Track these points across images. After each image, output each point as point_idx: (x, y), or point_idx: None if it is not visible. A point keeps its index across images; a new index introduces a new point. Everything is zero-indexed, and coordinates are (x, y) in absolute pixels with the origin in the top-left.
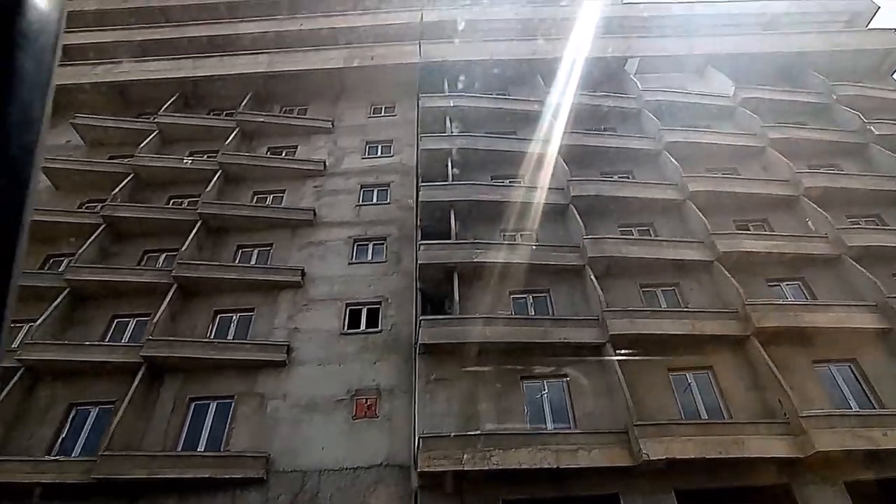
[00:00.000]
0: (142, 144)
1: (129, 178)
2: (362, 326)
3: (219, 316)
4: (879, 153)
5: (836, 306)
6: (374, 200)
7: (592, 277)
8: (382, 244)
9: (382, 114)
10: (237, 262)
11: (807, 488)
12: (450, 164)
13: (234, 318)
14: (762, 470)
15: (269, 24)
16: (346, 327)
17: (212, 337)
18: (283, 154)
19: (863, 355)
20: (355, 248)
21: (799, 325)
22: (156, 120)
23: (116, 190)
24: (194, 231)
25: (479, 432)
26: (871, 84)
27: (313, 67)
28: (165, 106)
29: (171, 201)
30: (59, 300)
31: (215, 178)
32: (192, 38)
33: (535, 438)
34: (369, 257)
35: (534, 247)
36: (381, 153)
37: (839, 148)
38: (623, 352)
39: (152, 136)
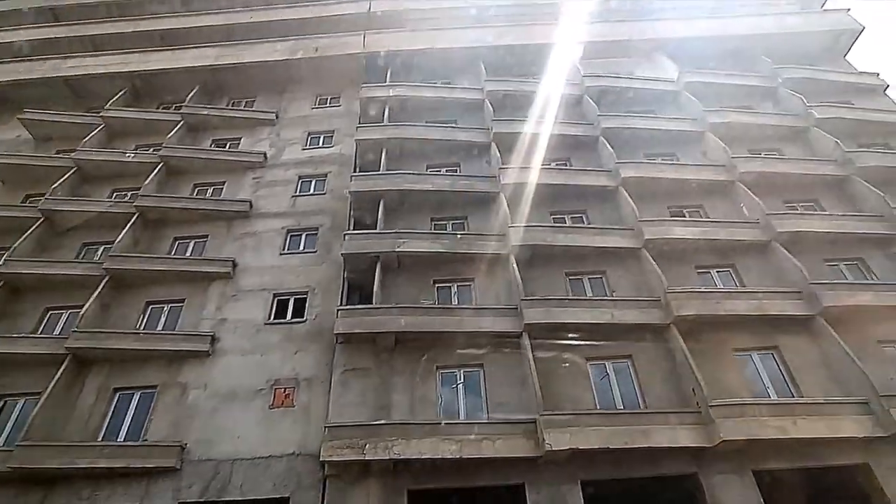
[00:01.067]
0: (85, 138)
1: (71, 171)
2: (288, 317)
3: (150, 307)
4: (820, 137)
5: (760, 293)
6: (312, 191)
7: (514, 266)
8: (315, 235)
9: (328, 105)
10: (173, 253)
11: (714, 477)
12: (383, 153)
13: (166, 308)
14: (671, 459)
15: (220, 16)
16: (272, 318)
17: (142, 328)
18: (227, 146)
19: (785, 343)
20: (289, 238)
21: (718, 313)
22: (101, 114)
23: (56, 184)
24: (130, 224)
25: (383, 422)
26: (822, 67)
27: (258, 60)
28: (113, 100)
29: (115, 194)
30: None
31: (155, 171)
32: (144, 32)
33: (440, 429)
34: (301, 248)
35: (459, 236)
36: (323, 144)
37: (781, 132)
38: (538, 342)
39: (97, 130)
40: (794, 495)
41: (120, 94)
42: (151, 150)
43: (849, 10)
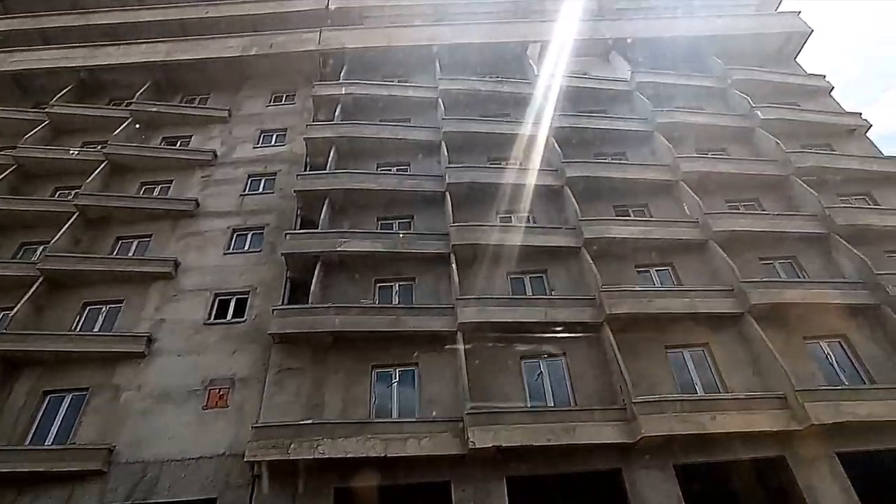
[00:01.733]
0: (27, 135)
1: (10, 169)
2: (229, 317)
3: (88, 308)
4: (763, 137)
5: (692, 292)
6: (260, 190)
7: (454, 266)
8: (262, 234)
9: (283, 102)
10: (116, 253)
11: (637, 473)
12: (332, 152)
13: (104, 310)
14: (598, 455)
15: (174, 10)
16: (212, 318)
17: (78, 329)
18: (179, 144)
19: (715, 340)
20: (234, 238)
21: (650, 311)
22: (46, 110)
23: None
24: (69, 223)
25: (310, 421)
26: (773, 68)
27: (211, 56)
28: (60, 95)
29: (58, 193)
30: None
31: (99, 169)
32: (96, 25)
33: (366, 427)
34: (246, 247)
35: (401, 236)
36: (275, 142)
37: (728, 132)
38: (473, 341)
39: (41, 126)
40: (716, 488)
41: (67, 89)
42: (99, 147)
43: (799, 12)
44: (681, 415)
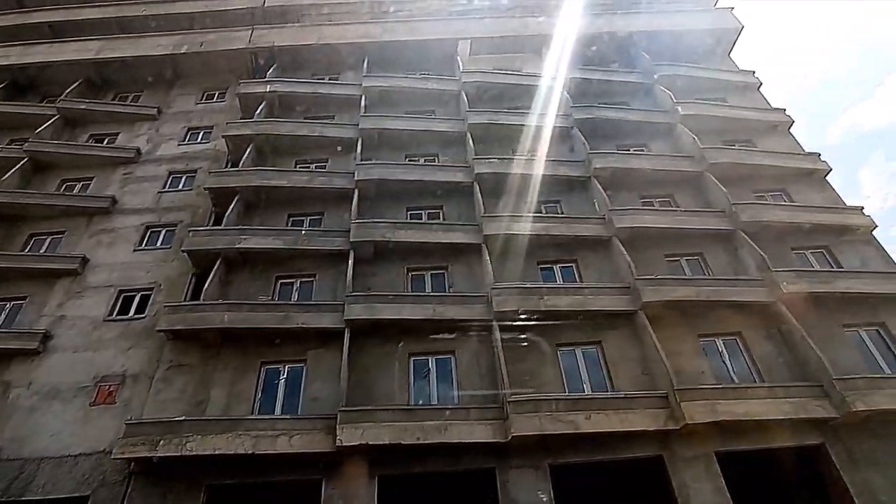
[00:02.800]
0: None
1: None
2: (131, 313)
3: None
4: (682, 133)
5: (587, 289)
6: (180, 187)
7: (351, 262)
8: (174, 231)
9: (214, 100)
10: (28, 250)
11: (509, 472)
12: (249, 149)
13: (8, 306)
14: (472, 455)
15: (112, 9)
16: (113, 314)
17: None
18: (105, 141)
19: (607, 338)
20: (148, 234)
21: (542, 309)
22: None
23: None
24: None
25: (182, 418)
26: (706, 64)
27: (141, 54)
28: None
29: None
30: None
31: (18, 166)
32: (36, 24)
33: (238, 424)
34: (159, 244)
35: (303, 233)
36: (201, 139)
37: (649, 129)
38: (361, 338)
39: None
40: (594, 488)
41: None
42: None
43: (732, 8)
44: (555, 414)
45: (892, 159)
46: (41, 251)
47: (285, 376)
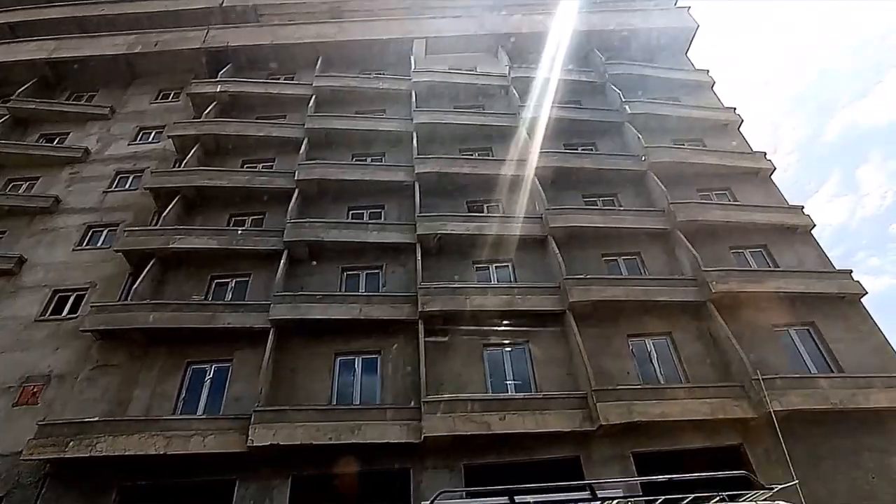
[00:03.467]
0: None
1: None
2: (65, 313)
3: None
4: (629, 132)
5: (515, 289)
6: (126, 187)
7: (282, 263)
8: (115, 231)
9: (170, 100)
10: None
11: (425, 473)
12: (195, 149)
13: None
14: (386, 455)
15: (70, 8)
16: (46, 314)
17: None
18: (56, 141)
19: (535, 338)
20: (90, 234)
21: (468, 309)
22: None
23: None
24: None
25: (95, 419)
26: (661, 63)
27: (96, 53)
28: None
29: None
30: None
31: None
32: None
33: (152, 424)
34: (100, 244)
35: (239, 232)
36: (152, 139)
37: (598, 127)
38: (287, 338)
39: None
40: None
41: None
42: None
43: (689, 8)
44: (468, 414)
45: (890, 158)
46: None
47: (211, 376)
